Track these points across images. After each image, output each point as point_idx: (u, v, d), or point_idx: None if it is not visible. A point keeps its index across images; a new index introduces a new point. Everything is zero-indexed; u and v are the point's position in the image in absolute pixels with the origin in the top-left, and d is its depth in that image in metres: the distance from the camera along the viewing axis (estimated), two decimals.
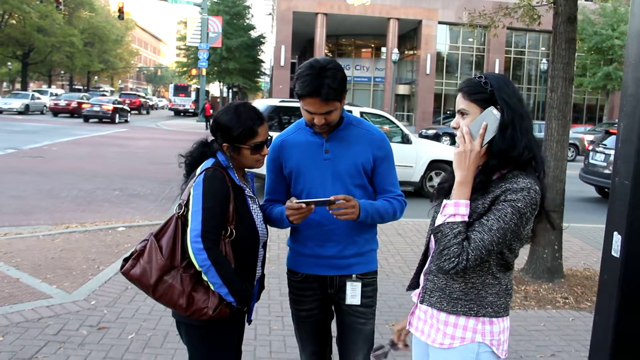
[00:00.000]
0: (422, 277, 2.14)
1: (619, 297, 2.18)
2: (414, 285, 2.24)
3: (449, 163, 7.01)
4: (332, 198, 2.36)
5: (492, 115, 1.92)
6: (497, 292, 1.97)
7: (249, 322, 2.62)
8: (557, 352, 4.25)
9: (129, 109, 38.06)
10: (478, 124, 1.93)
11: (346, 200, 2.38)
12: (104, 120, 32.61)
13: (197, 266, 2.24)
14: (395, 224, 8.13)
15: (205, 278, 2.26)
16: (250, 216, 2.43)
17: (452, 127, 2.03)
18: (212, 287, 2.26)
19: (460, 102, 2.00)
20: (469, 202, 1.90)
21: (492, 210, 1.87)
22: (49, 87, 60.64)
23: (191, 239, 2.24)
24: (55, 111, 36.70)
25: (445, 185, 2.13)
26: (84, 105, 33.77)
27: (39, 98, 38.53)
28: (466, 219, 1.88)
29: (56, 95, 42.70)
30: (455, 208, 1.89)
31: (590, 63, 35.96)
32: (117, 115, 33.36)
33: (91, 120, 32.77)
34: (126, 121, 34.86)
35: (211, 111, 32.97)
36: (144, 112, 51.74)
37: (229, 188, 2.34)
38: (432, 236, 2.09)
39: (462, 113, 1.99)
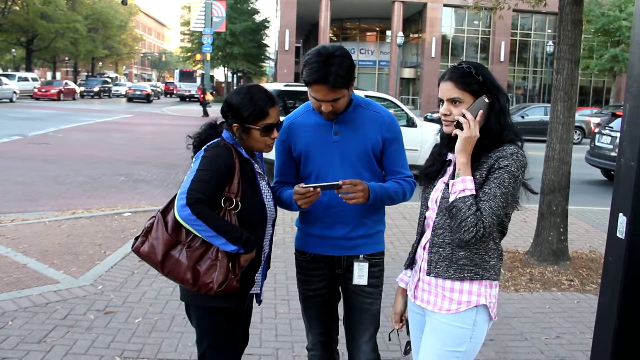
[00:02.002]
0: (420, 251, 2.27)
1: (623, 278, 2.18)
2: (410, 263, 2.37)
3: None
4: (340, 182, 2.37)
5: (485, 103, 2.12)
6: (497, 257, 2.17)
7: (259, 302, 2.63)
8: (562, 334, 4.26)
9: (152, 93, 48.99)
10: (474, 112, 2.10)
11: (354, 184, 2.38)
12: (141, 100, 45.11)
13: (183, 224, 2.24)
14: (401, 208, 8.13)
15: (197, 234, 2.26)
16: (258, 191, 2.44)
17: (443, 114, 2.18)
18: (212, 242, 2.26)
19: (453, 92, 2.14)
20: (472, 177, 2.08)
21: (490, 179, 2.07)
22: (54, 73, 60.64)
23: (177, 198, 2.25)
24: (38, 97, 38.43)
25: (432, 170, 2.29)
26: (129, 90, 47.64)
27: (6, 84, 34.83)
28: (474, 192, 2.06)
29: (33, 79, 41.51)
30: (463, 184, 2.07)
31: (597, 45, 35.65)
32: (150, 97, 46.52)
33: (135, 100, 45.13)
34: (151, 101, 46.56)
35: (203, 97, 32.57)
36: None
37: (234, 159, 2.35)
38: (427, 215, 2.24)
39: (454, 101, 2.14)
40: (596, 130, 13.39)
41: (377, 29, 49.98)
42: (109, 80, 55.68)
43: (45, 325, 4.02)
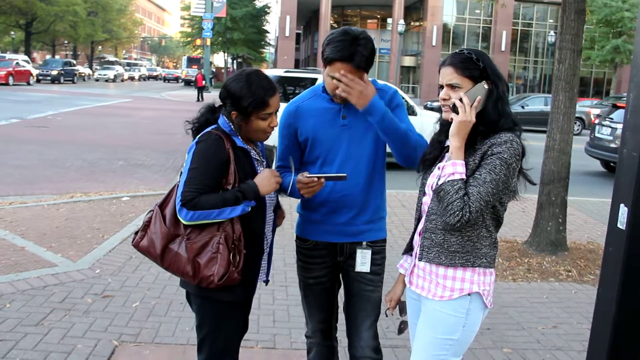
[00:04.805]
0: (416, 237, 2.29)
1: (623, 269, 2.17)
2: (408, 249, 2.39)
3: None
4: (345, 175, 2.35)
5: (484, 89, 2.11)
6: (489, 245, 2.16)
7: (266, 282, 2.61)
8: (559, 324, 4.27)
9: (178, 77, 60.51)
10: (472, 98, 2.10)
11: (353, 81, 2.34)
12: (171, 81, 60.38)
13: (186, 224, 2.23)
14: (400, 196, 8.14)
15: (210, 222, 2.23)
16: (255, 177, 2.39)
17: (442, 98, 2.17)
18: (221, 220, 2.23)
19: (453, 77, 2.14)
20: (464, 162, 2.08)
21: (482, 165, 2.06)
22: (53, 56, 60.31)
23: (176, 205, 2.24)
24: None
25: (429, 157, 2.29)
26: (164, 74, 65.80)
27: None
28: (464, 176, 2.05)
29: (24, 61, 36.43)
30: (454, 167, 2.06)
31: (599, 36, 35.48)
32: (178, 79, 59.00)
33: (170, 81, 60.16)
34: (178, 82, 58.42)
35: (203, 82, 32.45)
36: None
37: (227, 150, 2.29)
38: (424, 200, 2.26)
39: (453, 86, 2.13)
40: (596, 121, 13.35)
41: (378, 16, 49.74)
42: (73, 62, 48.06)
43: (42, 308, 4.02)
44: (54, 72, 40.44)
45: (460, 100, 2.08)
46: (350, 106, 2.52)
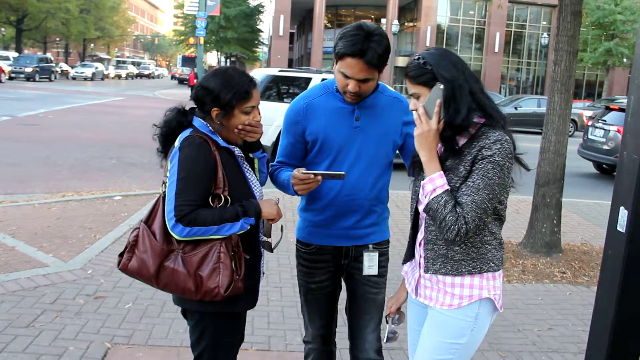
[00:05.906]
0: (417, 248, 2.20)
1: (623, 272, 2.16)
2: (408, 257, 2.30)
3: None
4: (343, 173, 2.26)
5: (441, 91, 1.99)
6: (495, 247, 2.08)
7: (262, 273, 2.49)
8: (554, 326, 4.26)
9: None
10: (432, 103, 2.00)
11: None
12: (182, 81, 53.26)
13: (180, 239, 2.10)
14: (393, 196, 8.09)
15: (205, 238, 2.11)
16: (243, 178, 2.28)
17: (411, 109, 2.09)
18: (217, 237, 2.12)
19: (410, 87, 2.08)
20: (441, 172, 1.99)
21: (474, 171, 1.95)
22: (44, 54, 60.05)
23: (166, 218, 2.10)
24: None
25: (417, 159, 2.20)
26: (179, 73, 56.60)
27: None
28: (446, 187, 1.96)
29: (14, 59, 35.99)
30: (432, 184, 1.98)
31: (592, 38, 35.63)
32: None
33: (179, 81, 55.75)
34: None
35: (195, 81, 32.42)
36: None
37: (213, 152, 2.17)
38: (417, 206, 2.17)
39: (416, 96, 2.05)
40: (589, 123, 13.40)
41: (372, 16, 49.73)
42: (50, 59, 42.98)
43: (33, 310, 3.97)
44: (28, 70, 36.78)
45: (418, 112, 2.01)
46: (363, 107, 2.45)
